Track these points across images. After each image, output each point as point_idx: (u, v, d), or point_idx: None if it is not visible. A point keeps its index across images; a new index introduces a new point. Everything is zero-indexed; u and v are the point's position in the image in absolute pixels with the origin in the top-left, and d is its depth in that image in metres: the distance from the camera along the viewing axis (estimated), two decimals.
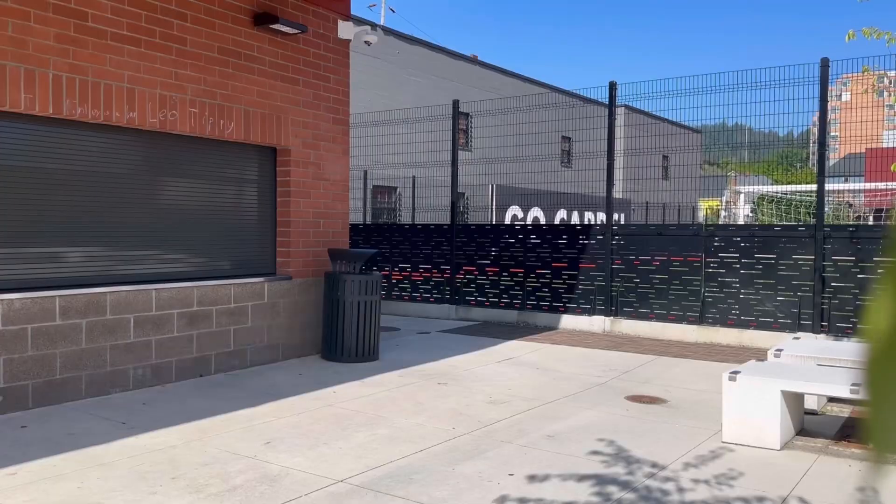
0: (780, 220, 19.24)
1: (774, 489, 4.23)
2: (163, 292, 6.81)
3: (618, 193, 11.34)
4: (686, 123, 11.30)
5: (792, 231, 9.40)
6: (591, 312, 10.51)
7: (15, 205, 5.90)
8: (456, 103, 11.93)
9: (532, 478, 4.37)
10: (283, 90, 7.92)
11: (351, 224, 11.83)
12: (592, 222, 18.93)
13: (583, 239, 10.62)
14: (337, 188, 8.66)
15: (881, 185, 16.19)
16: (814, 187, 10.67)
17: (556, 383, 7.01)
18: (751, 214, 18.71)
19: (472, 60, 25.45)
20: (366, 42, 8.94)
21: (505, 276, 11.31)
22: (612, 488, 4.20)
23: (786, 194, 19.97)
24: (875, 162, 17.39)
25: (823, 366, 5.62)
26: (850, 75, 9.09)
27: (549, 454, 4.83)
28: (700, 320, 9.67)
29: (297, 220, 8.16)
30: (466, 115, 19.86)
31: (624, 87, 10.42)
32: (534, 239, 11.10)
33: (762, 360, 5.88)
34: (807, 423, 5.60)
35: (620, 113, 12.50)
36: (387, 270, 12.45)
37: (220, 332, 7.34)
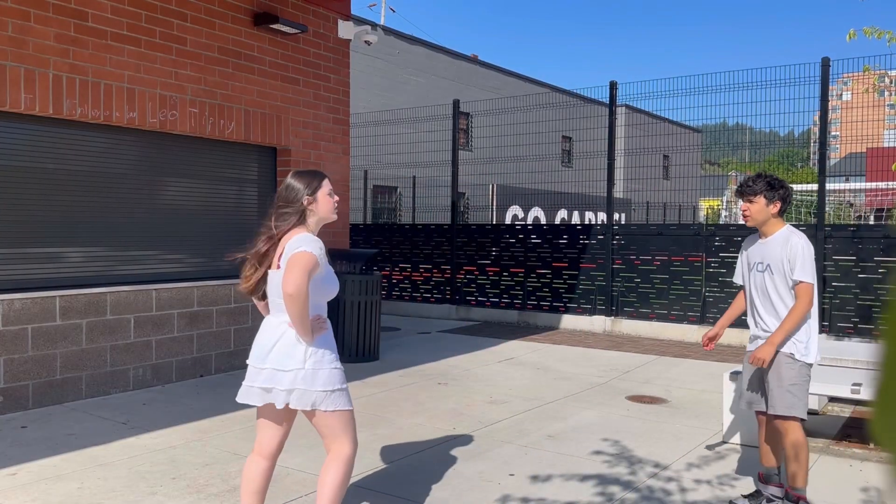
0: None
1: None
2: (163, 292, 6.81)
3: (618, 193, 11.34)
4: (686, 123, 11.30)
5: None
6: (591, 312, 10.50)
7: (15, 205, 5.90)
8: (456, 103, 11.92)
9: (533, 478, 4.36)
10: (283, 90, 7.92)
11: (351, 224, 11.82)
12: (593, 222, 18.92)
13: (583, 239, 10.61)
14: (337, 188, 8.63)
15: (882, 185, 16.18)
16: (814, 187, 10.65)
17: (557, 383, 7.00)
18: None
19: (472, 60, 25.43)
20: (366, 42, 8.94)
21: (505, 276, 11.30)
22: (614, 488, 4.20)
23: None
24: (876, 161, 17.39)
25: (824, 366, 5.61)
26: (850, 75, 9.07)
27: (551, 454, 4.82)
28: (701, 320, 9.66)
29: None
30: (467, 114, 19.87)
31: (624, 87, 10.46)
32: (534, 239, 11.09)
33: None
34: (807, 423, 5.58)
35: (621, 113, 12.50)
36: (387, 270, 12.44)
37: (221, 332, 7.34)
